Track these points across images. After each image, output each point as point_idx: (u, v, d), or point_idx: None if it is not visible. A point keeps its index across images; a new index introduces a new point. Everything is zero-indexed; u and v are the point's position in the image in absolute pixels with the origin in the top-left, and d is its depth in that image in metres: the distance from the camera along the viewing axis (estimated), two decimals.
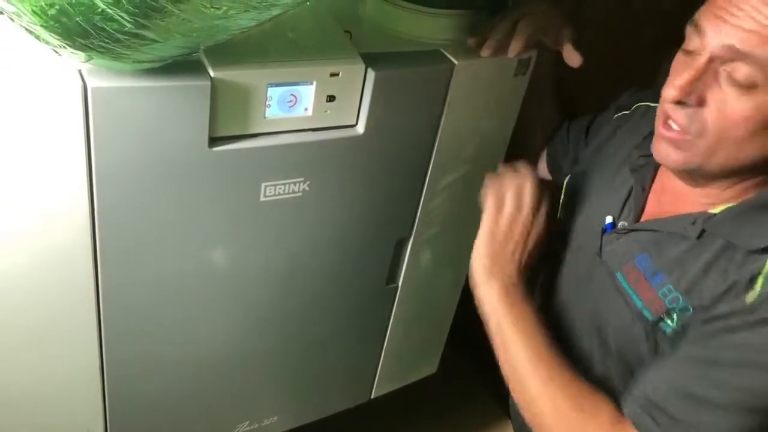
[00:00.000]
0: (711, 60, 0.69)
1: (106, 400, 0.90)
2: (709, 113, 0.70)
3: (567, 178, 1.01)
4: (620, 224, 0.85)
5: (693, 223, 0.76)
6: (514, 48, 0.92)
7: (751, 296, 0.70)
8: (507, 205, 0.86)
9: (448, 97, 0.92)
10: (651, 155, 0.79)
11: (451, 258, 1.16)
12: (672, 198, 0.82)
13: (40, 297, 0.78)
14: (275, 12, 0.63)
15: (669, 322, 0.77)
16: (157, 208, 0.79)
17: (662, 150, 0.76)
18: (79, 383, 0.88)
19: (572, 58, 0.93)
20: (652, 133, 0.79)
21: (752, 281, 0.70)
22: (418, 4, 0.90)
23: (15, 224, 0.73)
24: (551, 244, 0.94)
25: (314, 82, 0.80)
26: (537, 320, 0.83)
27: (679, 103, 0.72)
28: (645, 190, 0.85)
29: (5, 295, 0.76)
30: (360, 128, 0.87)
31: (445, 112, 0.93)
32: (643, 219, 0.84)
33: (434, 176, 1.00)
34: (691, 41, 0.72)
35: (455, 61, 0.90)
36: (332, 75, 0.81)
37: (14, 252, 0.74)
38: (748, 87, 0.67)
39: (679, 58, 0.74)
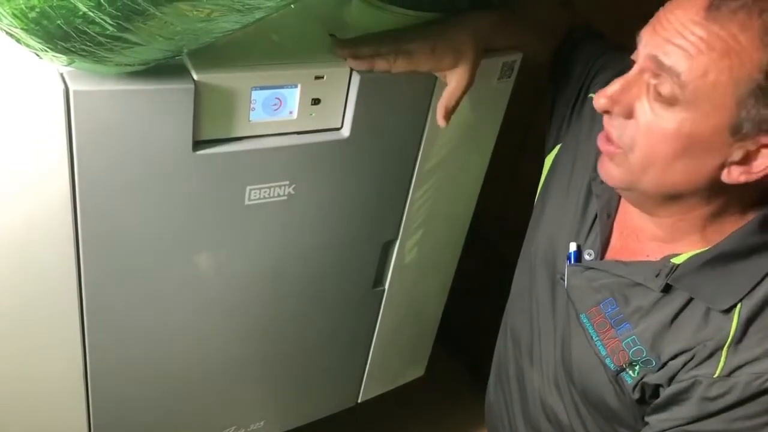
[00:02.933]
0: (642, 71, 0.68)
1: (90, 406, 0.90)
2: (635, 126, 0.68)
3: (553, 153, 0.96)
4: (585, 255, 0.83)
5: (656, 276, 0.74)
6: (396, 66, 0.83)
7: (718, 370, 0.70)
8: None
9: (433, 100, 0.92)
10: None
11: (438, 260, 1.16)
12: (633, 232, 0.80)
13: (22, 302, 0.77)
14: (259, 15, 0.63)
15: (631, 372, 0.77)
16: (141, 212, 0.78)
17: (603, 166, 0.75)
18: (62, 390, 0.87)
19: (438, 115, 0.87)
20: None
21: (719, 351, 0.70)
22: (402, 7, 0.90)
23: None
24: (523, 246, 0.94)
25: (299, 85, 0.80)
26: None
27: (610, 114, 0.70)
28: (610, 218, 0.82)
29: None
30: (345, 131, 0.87)
31: (430, 115, 0.94)
32: (608, 255, 0.82)
33: (420, 179, 1.00)
34: (636, 52, 0.70)
35: None
36: (317, 78, 0.81)
37: None
38: (670, 103, 0.65)
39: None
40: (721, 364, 0.70)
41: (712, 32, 0.62)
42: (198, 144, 0.77)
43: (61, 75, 0.67)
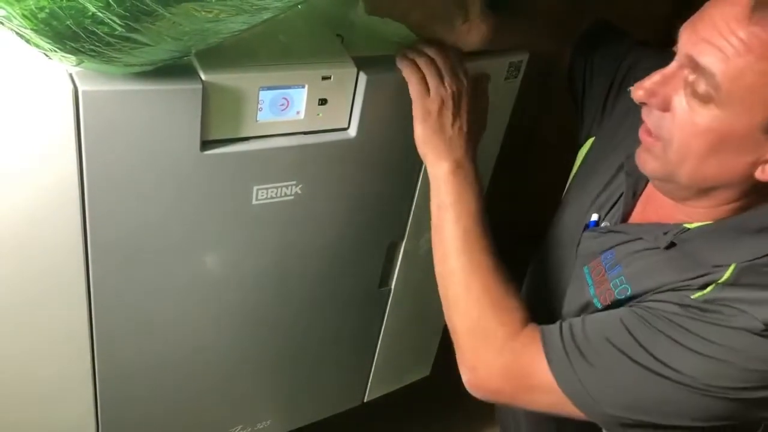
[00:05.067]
0: (680, 66, 0.68)
1: (97, 404, 0.90)
2: (671, 119, 0.69)
3: (585, 145, 0.97)
4: (603, 224, 0.86)
5: (665, 233, 0.76)
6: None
7: (697, 295, 0.70)
8: (432, 86, 0.84)
9: None
10: None
11: None
12: (655, 207, 0.81)
13: (31, 300, 0.78)
14: (266, 15, 0.63)
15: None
16: (149, 211, 0.78)
17: (641, 157, 0.76)
18: (70, 388, 0.87)
19: None
20: None
21: (704, 287, 0.70)
22: None
23: (6, 227, 0.72)
24: (550, 224, 0.95)
25: (306, 86, 0.80)
26: (478, 204, 0.84)
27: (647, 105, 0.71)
28: (635, 196, 0.84)
29: None
30: (352, 131, 0.87)
31: None
32: (628, 222, 0.85)
33: (426, 179, 1.00)
34: (676, 45, 0.71)
35: None
36: (324, 78, 0.81)
37: (5, 255, 0.74)
38: (704, 100, 0.66)
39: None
40: (704, 292, 0.70)
41: (753, 34, 0.61)
42: (206, 144, 0.77)
43: (70, 75, 0.67)
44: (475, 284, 0.80)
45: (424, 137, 0.84)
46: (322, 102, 0.83)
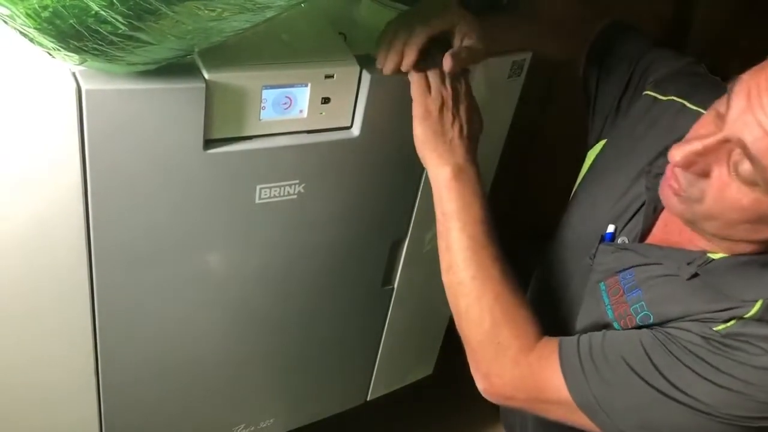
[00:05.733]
0: (726, 140, 0.64)
1: (101, 403, 0.90)
2: (709, 187, 0.67)
3: (595, 148, 0.95)
4: (620, 239, 0.83)
5: (689, 264, 0.73)
6: (406, 63, 0.81)
7: (719, 328, 0.69)
8: (434, 84, 0.82)
9: None
10: None
11: None
12: (678, 228, 0.78)
13: (34, 300, 0.78)
14: (269, 14, 0.63)
15: None
16: (152, 210, 0.78)
17: (665, 194, 0.73)
18: (74, 388, 0.88)
19: (446, 62, 0.80)
20: (683, 137, 0.73)
21: (728, 320, 0.69)
22: (411, 6, 0.90)
23: (9, 227, 0.72)
24: (560, 223, 0.94)
25: (309, 84, 0.80)
26: (483, 210, 0.81)
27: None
28: (656, 212, 0.81)
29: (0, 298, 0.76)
30: (355, 130, 0.87)
31: None
32: (647, 240, 0.82)
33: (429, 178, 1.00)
34: (723, 105, 0.65)
35: None
36: (327, 77, 0.81)
37: (8, 255, 0.74)
38: (750, 184, 0.63)
39: (707, 115, 0.69)
40: (727, 326, 0.69)
41: None
42: (209, 143, 0.77)
43: (74, 74, 0.67)
44: (486, 295, 0.78)
45: (424, 138, 0.81)
46: (325, 101, 0.83)
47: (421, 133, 0.81)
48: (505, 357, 0.77)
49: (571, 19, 0.98)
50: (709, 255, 0.73)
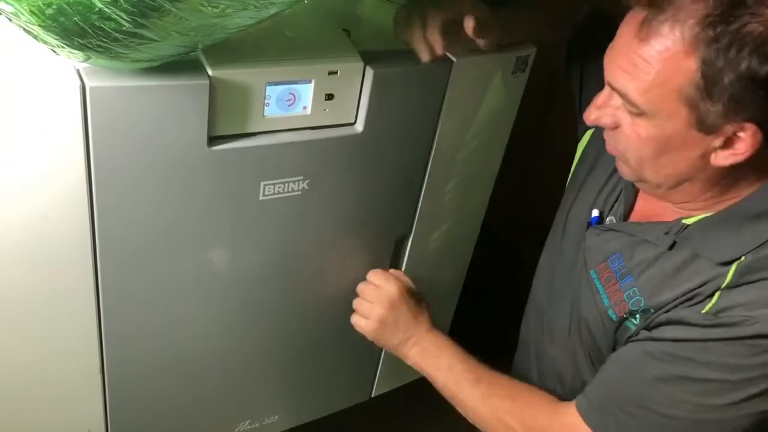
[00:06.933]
0: (610, 88, 0.73)
1: (106, 400, 0.90)
2: (621, 134, 0.74)
3: (584, 138, 0.98)
4: (608, 219, 0.87)
5: (666, 233, 0.78)
6: (438, 47, 0.84)
7: (707, 307, 0.72)
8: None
9: (447, 95, 0.92)
10: None
11: (451, 255, 1.16)
12: (657, 203, 0.82)
13: (39, 297, 0.78)
14: (273, 10, 0.63)
15: (633, 320, 0.80)
16: (156, 207, 0.78)
17: (618, 166, 0.80)
18: (79, 383, 0.88)
19: (469, 26, 0.83)
20: None
21: (712, 295, 0.72)
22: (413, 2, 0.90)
23: (14, 224, 0.73)
24: (555, 220, 0.96)
25: (313, 81, 0.80)
26: (460, 354, 0.93)
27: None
28: (635, 188, 0.85)
29: (5, 295, 0.76)
30: (359, 126, 0.87)
31: (443, 110, 0.93)
32: (631, 217, 0.86)
33: (433, 174, 1.00)
34: None
35: (454, 59, 0.90)
36: (331, 73, 0.81)
37: (14, 252, 0.74)
38: (638, 114, 0.71)
39: None
40: (712, 302, 0.72)
41: (646, 49, 0.67)
42: (213, 139, 0.77)
43: (78, 71, 0.67)
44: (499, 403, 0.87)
45: (382, 342, 0.98)
46: (329, 97, 0.83)
47: (379, 337, 0.97)
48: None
49: (569, 8, 1.00)
50: (683, 221, 0.77)
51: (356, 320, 0.99)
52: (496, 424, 0.85)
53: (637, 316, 0.79)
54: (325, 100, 0.83)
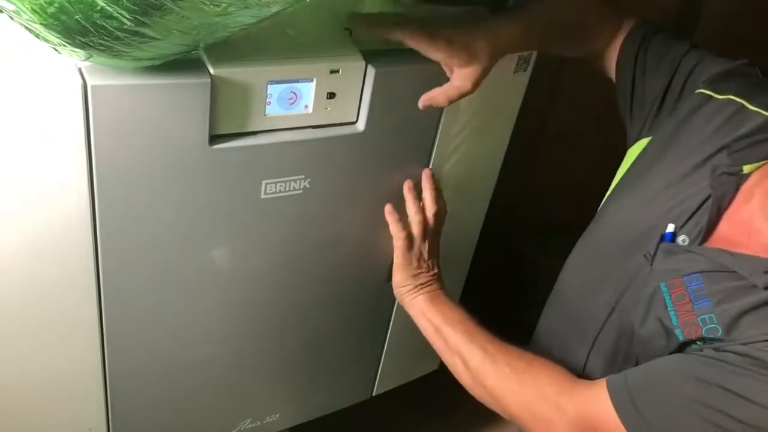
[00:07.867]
0: None
1: (108, 398, 0.91)
2: None
3: (636, 146, 0.94)
4: (680, 239, 0.81)
5: (765, 272, 0.72)
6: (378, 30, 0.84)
7: None
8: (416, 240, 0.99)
9: None
10: (737, 169, 0.77)
11: (453, 254, 1.16)
12: (744, 228, 0.77)
13: (41, 296, 0.78)
14: (275, 9, 0.63)
15: (699, 343, 0.76)
16: (158, 206, 0.79)
17: None
18: (80, 382, 0.88)
19: (421, 99, 0.87)
20: (745, 137, 0.77)
21: None
22: (417, 1, 0.90)
23: (15, 223, 0.73)
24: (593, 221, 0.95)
25: (314, 80, 0.80)
26: (464, 313, 0.94)
27: None
28: (720, 210, 0.79)
29: (6, 293, 0.77)
30: (360, 125, 0.87)
31: (445, 109, 0.93)
32: (709, 242, 0.79)
33: (435, 172, 1.00)
34: None
35: None
36: (332, 72, 0.81)
37: (15, 251, 0.74)
38: None
39: None
40: None
41: None
42: (214, 138, 0.77)
43: (79, 70, 0.67)
44: (502, 367, 0.86)
45: (403, 282, 0.99)
46: (331, 96, 0.83)
47: (400, 279, 0.99)
48: (549, 405, 0.81)
49: (589, 20, 0.95)
50: None
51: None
52: (507, 371, 0.86)
53: (706, 343, 0.75)
54: (327, 98, 0.83)
